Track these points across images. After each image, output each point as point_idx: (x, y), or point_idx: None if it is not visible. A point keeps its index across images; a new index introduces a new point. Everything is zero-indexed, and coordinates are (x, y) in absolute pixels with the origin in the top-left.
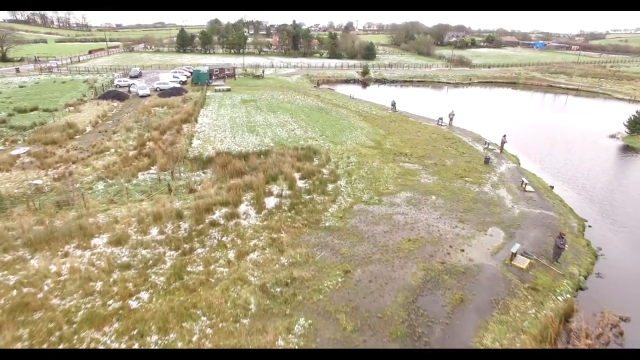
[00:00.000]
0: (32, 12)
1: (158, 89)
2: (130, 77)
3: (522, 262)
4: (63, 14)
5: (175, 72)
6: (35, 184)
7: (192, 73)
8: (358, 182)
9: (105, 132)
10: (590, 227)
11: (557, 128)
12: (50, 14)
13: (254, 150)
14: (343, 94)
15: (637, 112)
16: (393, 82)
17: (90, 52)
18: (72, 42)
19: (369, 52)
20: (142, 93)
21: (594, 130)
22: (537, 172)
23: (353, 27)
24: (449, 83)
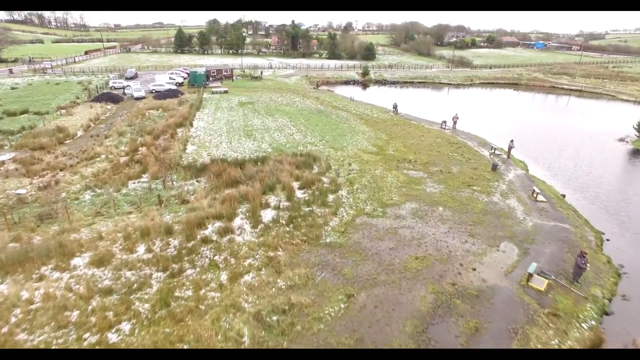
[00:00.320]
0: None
1: (154, 91)
2: (126, 78)
3: (539, 283)
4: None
5: (172, 73)
6: (18, 194)
7: (188, 74)
8: (360, 191)
9: (97, 136)
10: (609, 240)
11: (563, 131)
12: (48, 14)
13: (251, 157)
14: (343, 96)
15: None
16: (394, 83)
17: (87, 52)
18: (69, 42)
19: (369, 52)
20: (137, 95)
21: (602, 133)
22: (546, 179)
23: (352, 27)
24: (451, 84)
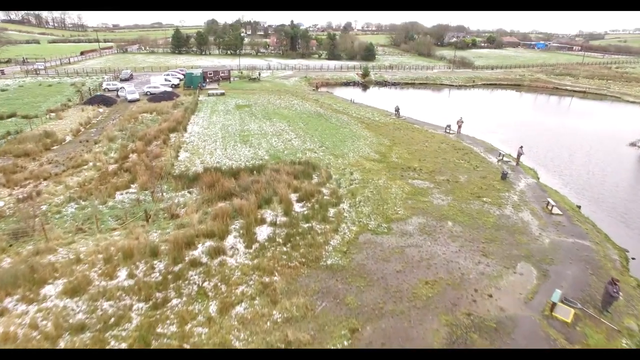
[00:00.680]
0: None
1: (148, 93)
2: (121, 80)
3: (565, 313)
4: (58, 14)
5: (168, 74)
6: None
7: (185, 76)
8: (363, 204)
9: (87, 142)
10: (634, 259)
11: (571, 135)
12: (45, 14)
13: (247, 165)
14: (343, 98)
15: None
16: (394, 84)
17: (82, 53)
18: (65, 42)
19: (369, 53)
20: (130, 98)
21: (611, 137)
22: (559, 188)
23: (352, 27)
24: (452, 85)
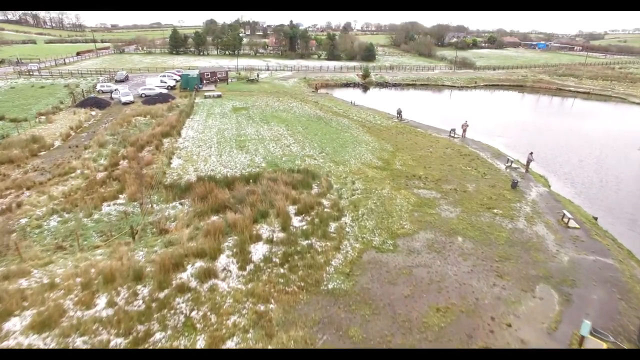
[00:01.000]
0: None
1: (143, 95)
2: (116, 81)
3: (596, 347)
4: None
5: (164, 75)
6: None
7: (181, 77)
8: (367, 217)
9: (77, 147)
10: None
11: (578, 137)
12: (43, 14)
13: (242, 173)
14: (343, 100)
15: None
16: (395, 85)
17: (78, 53)
18: (62, 43)
19: (369, 53)
20: (124, 100)
21: (620, 140)
22: (572, 197)
23: (351, 27)
24: (454, 86)
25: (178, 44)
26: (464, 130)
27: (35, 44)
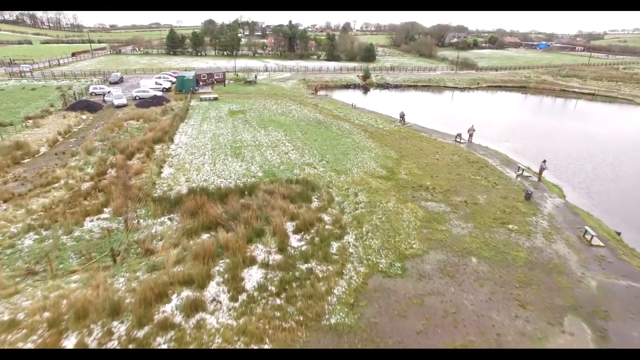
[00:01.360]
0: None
1: (137, 98)
2: (110, 83)
3: None
4: (53, 14)
5: (159, 77)
6: None
7: (177, 79)
8: (371, 236)
9: (63, 154)
10: None
11: (589, 142)
12: (40, 14)
13: (237, 184)
14: (344, 102)
15: None
16: (396, 86)
17: (74, 54)
18: (58, 43)
19: (369, 53)
20: (117, 103)
21: (631, 145)
22: (590, 209)
23: (351, 27)
24: (456, 87)
25: (175, 45)
26: (471, 135)
27: (31, 45)
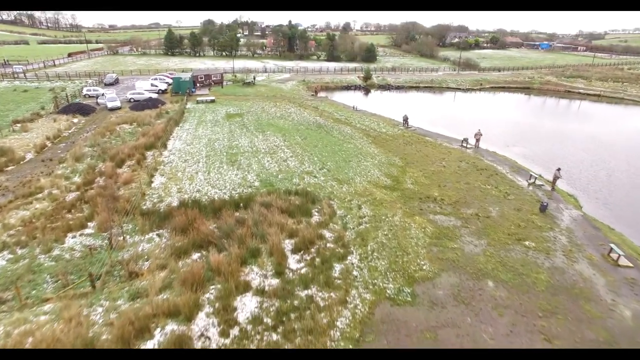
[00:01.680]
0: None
1: (132, 100)
2: (105, 84)
3: None
4: (51, 14)
5: (155, 78)
6: None
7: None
8: (377, 255)
9: (50, 160)
10: None
11: (599, 147)
12: (38, 14)
13: (232, 195)
14: (344, 105)
15: None
16: (398, 87)
17: (70, 55)
18: (55, 43)
19: (370, 54)
20: (111, 105)
21: None
22: (610, 222)
23: (351, 27)
24: (459, 88)
25: (173, 45)
26: (478, 140)
27: (28, 45)
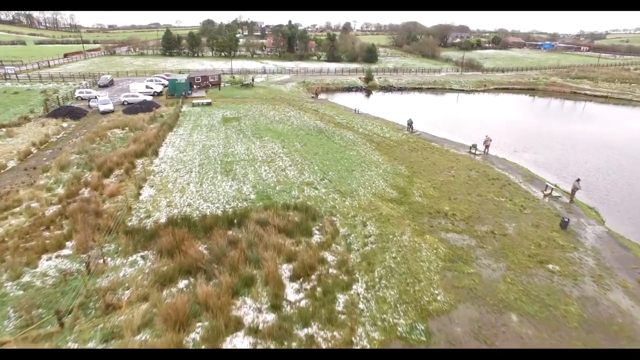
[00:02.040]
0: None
1: (125, 103)
2: (99, 86)
3: None
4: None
5: (151, 80)
6: None
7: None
8: (385, 284)
9: (34, 169)
10: None
11: (613, 152)
12: (37, 14)
13: (225, 210)
14: (346, 107)
15: None
16: (400, 89)
17: (66, 55)
18: (53, 44)
19: (371, 54)
20: (103, 109)
21: None
22: (638, 239)
23: (351, 27)
24: (463, 90)
25: (171, 45)
26: (487, 147)
27: (25, 45)
